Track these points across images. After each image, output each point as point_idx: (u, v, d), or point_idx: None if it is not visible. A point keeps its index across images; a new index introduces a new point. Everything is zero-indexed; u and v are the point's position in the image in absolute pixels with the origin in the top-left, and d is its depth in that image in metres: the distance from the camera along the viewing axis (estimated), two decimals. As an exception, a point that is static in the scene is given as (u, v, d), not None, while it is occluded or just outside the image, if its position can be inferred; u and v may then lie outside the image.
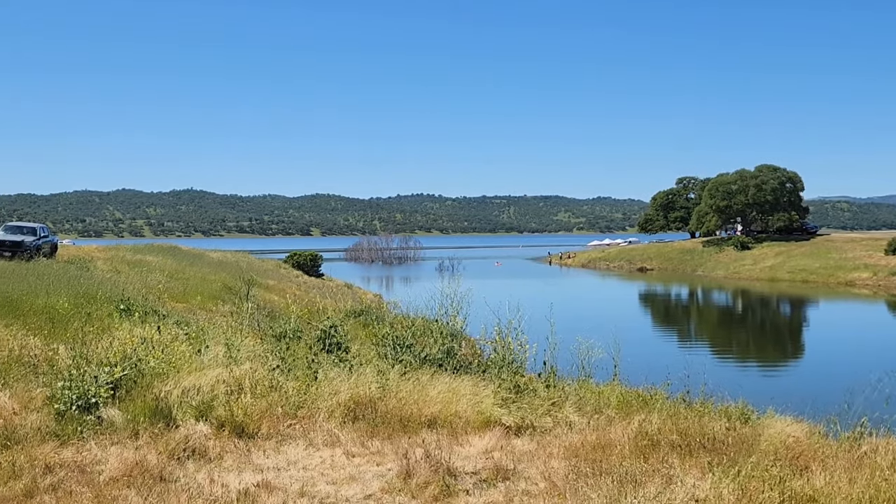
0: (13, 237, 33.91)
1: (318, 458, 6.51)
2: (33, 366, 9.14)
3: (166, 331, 11.63)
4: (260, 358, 9.60)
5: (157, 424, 6.93)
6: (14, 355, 9.50)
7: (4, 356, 9.44)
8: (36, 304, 14.02)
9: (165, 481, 5.63)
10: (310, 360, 9.25)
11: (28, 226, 36.53)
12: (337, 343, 11.02)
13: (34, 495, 5.23)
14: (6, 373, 8.77)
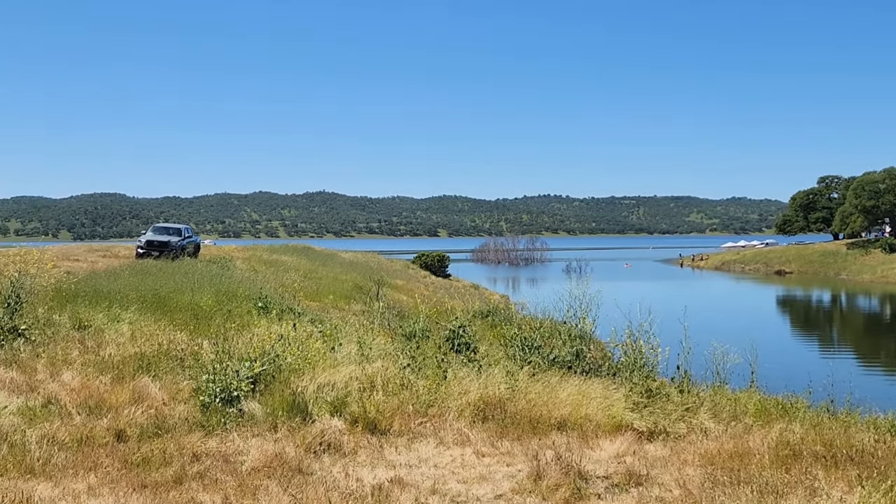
0: (160, 237, 35.91)
1: (448, 456, 6.57)
2: (180, 359, 9.63)
3: (301, 328, 12.02)
4: (391, 356, 9.78)
5: (295, 418, 7.17)
6: (163, 349, 10.04)
7: (154, 350, 10.00)
8: (182, 301, 14.80)
9: (303, 473, 5.82)
10: (439, 360, 9.35)
11: (174, 227, 38.59)
12: (465, 343, 11.10)
13: (183, 482, 5.51)
14: (156, 365, 9.29)
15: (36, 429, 6.77)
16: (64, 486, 5.34)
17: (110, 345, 11.04)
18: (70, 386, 8.52)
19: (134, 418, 7.08)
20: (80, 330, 12.23)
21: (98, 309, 13.85)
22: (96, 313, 13.51)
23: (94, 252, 41.94)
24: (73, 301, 14.60)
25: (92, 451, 6.12)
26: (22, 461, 5.79)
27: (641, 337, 9.45)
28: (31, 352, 10.30)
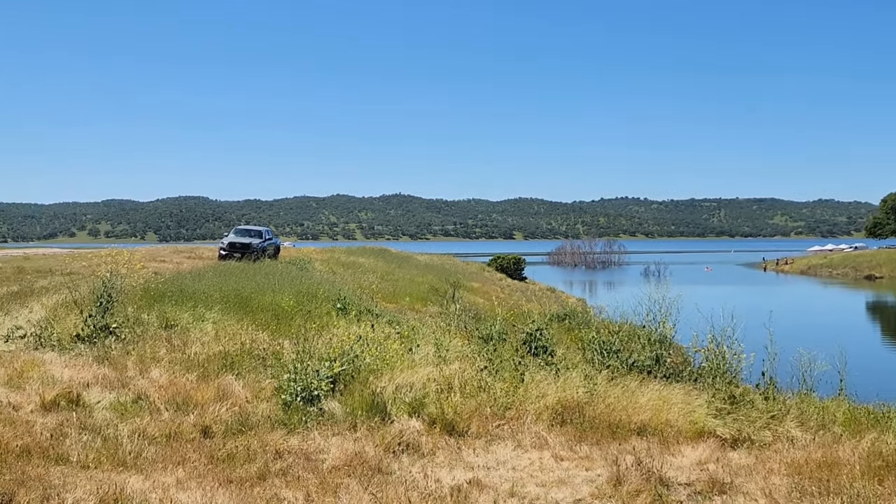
0: (242, 239, 36.77)
1: (526, 459, 6.55)
2: (262, 358, 9.84)
3: (379, 329, 12.16)
4: (468, 359, 9.80)
5: (374, 418, 7.25)
6: (245, 348, 10.28)
7: (238, 349, 10.25)
8: (263, 302, 15.11)
9: (383, 473, 5.88)
10: (516, 363, 9.32)
11: (255, 229, 39.48)
12: (543, 346, 11.04)
13: (266, 478, 5.64)
14: (239, 364, 9.52)
15: (127, 423, 7.02)
16: (154, 479, 5.52)
17: (195, 343, 11.36)
18: (158, 383, 8.80)
19: (219, 415, 7.27)
20: (167, 329, 12.61)
21: (184, 308, 14.26)
22: (182, 313, 13.91)
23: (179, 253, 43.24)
24: (160, 301, 15.08)
25: (180, 446, 6.31)
26: (115, 454, 6.01)
27: (724, 342, 9.23)
28: (122, 349, 10.68)
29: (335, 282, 22.65)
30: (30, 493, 5.00)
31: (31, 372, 9.24)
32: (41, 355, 10.41)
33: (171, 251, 43.82)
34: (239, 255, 35.04)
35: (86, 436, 6.50)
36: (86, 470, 5.69)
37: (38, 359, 10.10)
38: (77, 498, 4.87)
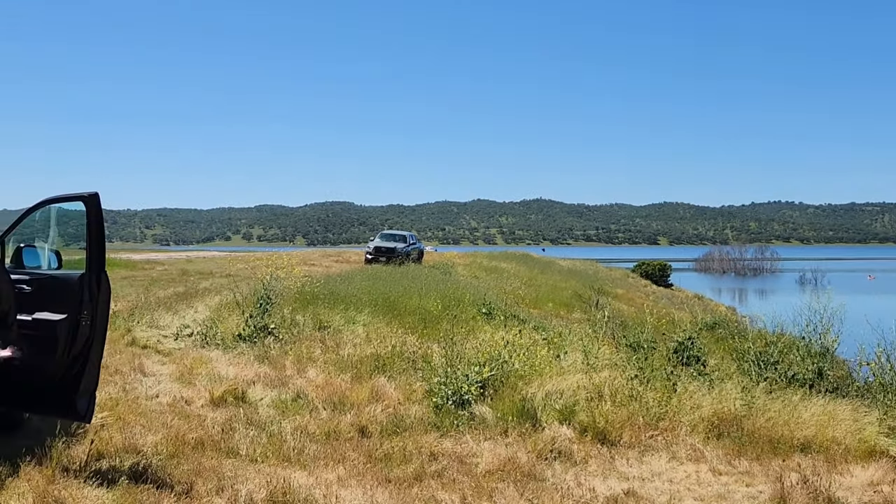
0: (388, 244, 37.72)
1: (682, 471, 6.39)
2: (412, 361, 10.05)
3: (526, 335, 12.16)
4: (617, 367, 9.65)
5: (524, 424, 7.27)
6: (396, 351, 10.53)
7: (388, 351, 10.51)
8: (410, 305, 15.42)
9: (536, 479, 5.90)
10: (668, 372, 9.11)
11: (399, 234, 40.39)
12: (694, 356, 10.74)
13: (422, 479, 5.77)
14: (391, 366, 9.77)
15: (289, 421, 7.36)
16: (317, 475, 5.75)
17: (347, 345, 11.74)
18: (315, 382, 9.16)
19: (375, 416, 7.49)
20: (320, 330, 13.09)
21: (335, 311, 14.76)
22: (334, 315, 14.41)
23: (328, 257, 44.77)
24: (313, 303, 15.67)
25: (339, 445, 6.55)
26: (280, 450, 6.31)
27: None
28: (280, 349, 11.18)
29: (478, 286, 22.80)
30: (207, 483, 5.33)
31: (200, 369, 9.83)
32: (207, 353, 11.05)
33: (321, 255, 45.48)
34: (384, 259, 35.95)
35: (252, 431, 6.85)
36: (254, 463, 6.00)
37: (204, 356, 10.73)
38: (250, 490, 5.14)
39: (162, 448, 6.14)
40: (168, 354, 11.15)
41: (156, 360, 10.58)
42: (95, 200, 5.23)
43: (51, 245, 6.52)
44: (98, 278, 5.30)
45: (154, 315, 14.73)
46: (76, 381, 5.32)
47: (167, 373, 9.68)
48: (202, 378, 9.27)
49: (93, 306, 5.30)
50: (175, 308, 16.57)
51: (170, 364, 10.37)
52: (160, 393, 8.42)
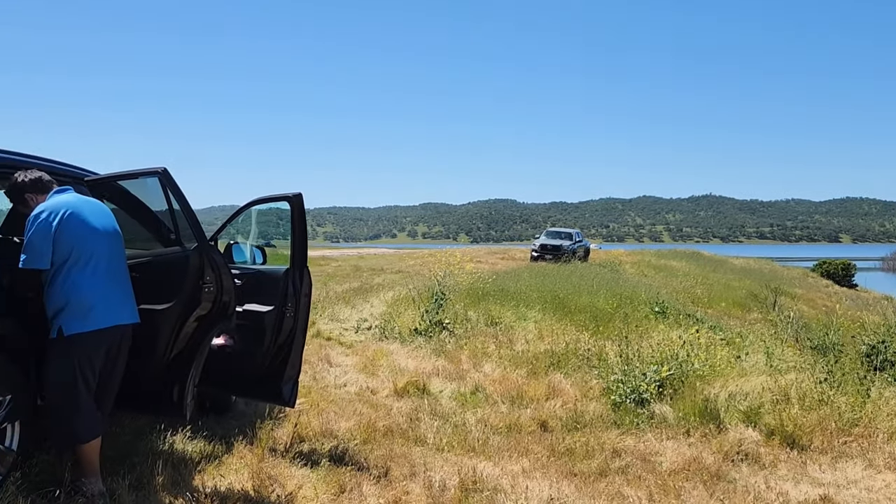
0: (553, 241, 37.67)
1: (880, 480, 6.07)
2: (586, 358, 10.04)
3: (703, 334, 11.86)
4: (803, 369, 9.25)
5: (707, 425, 7.13)
6: (569, 348, 10.56)
7: (562, 348, 10.56)
8: (580, 303, 15.39)
9: (723, 480, 5.79)
10: (861, 377, 8.64)
11: (565, 231, 40.20)
12: (889, 360, 10.12)
13: (607, 475, 5.80)
14: (565, 362, 9.81)
15: (470, 413, 7.57)
16: (502, 466, 5.91)
17: (520, 341, 11.88)
18: (491, 377, 9.35)
19: (554, 411, 7.58)
20: (492, 326, 13.31)
21: (506, 307, 14.96)
22: (505, 311, 14.61)
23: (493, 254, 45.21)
24: (484, 299, 15.95)
25: (521, 438, 6.68)
26: (465, 440, 6.52)
27: None
28: (455, 344, 11.47)
29: (648, 284, 22.37)
30: (400, 468, 5.61)
31: (381, 360, 10.27)
32: (387, 346, 11.50)
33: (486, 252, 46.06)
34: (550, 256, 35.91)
35: (437, 422, 7.11)
36: (441, 452, 6.24)
37: (384, 349, 11.18)
38: (442, 476, 5.37)
39: (355, 434, 6.49)
40: (350, 346, 11.70)
41: (339, 352, 11.12)
42: (299, 201, 5.60)
43: (252, 241, 7.03)
44: (301, 273, 5.68)
45: (334, 309, 15.47)
46: (281, 368, 5.71)
47: (351, 364, 10.17)
48: (384, 369, 9.68)
49: (296, 299, 5.68)
50: (352, 302, 17.32)
51: (352, 355, 10.88)
52: (347, 382, 8.87)
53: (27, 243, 4.42)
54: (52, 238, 4.44)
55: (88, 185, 5.39)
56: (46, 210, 4.50)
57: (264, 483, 4.99)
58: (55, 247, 4.45)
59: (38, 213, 4.48)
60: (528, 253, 39.75)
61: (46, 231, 4.44)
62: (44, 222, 4.45)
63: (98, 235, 4.67)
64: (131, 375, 4.93)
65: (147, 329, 4.87)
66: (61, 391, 4.48)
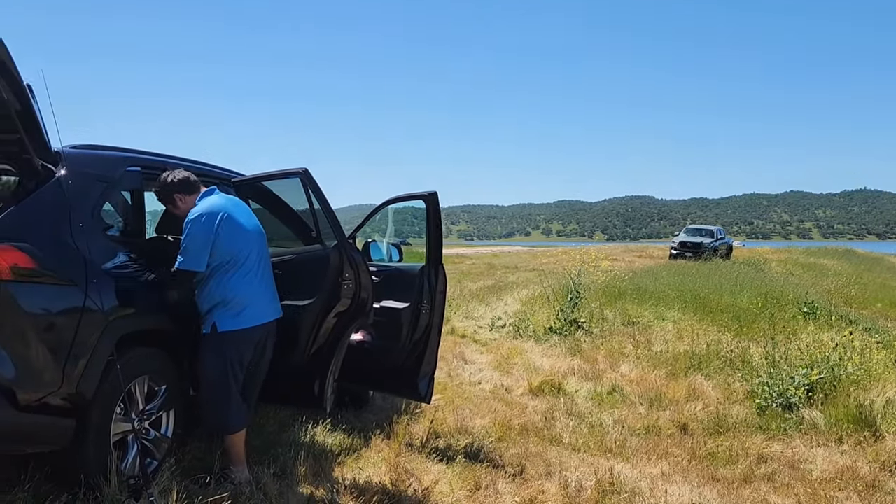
0: (694, 239, 36.55)
1: None
2: (729, 360, 9.66)
3: (857, 336, 11.19)
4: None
5: (862, 433, 6.71)
6: (712, 349, 10.19)
7: (703, 349, 10.21)
8: (722, 302, 14.85)
9: (880, 491, 5.43)
10: None
11: (706, 228, 38.94)
12: None
13: (751, 481, 5.55)
14: (706, 364, 9.48)
15: (606, 413, 7.44)
16: (640, 468, 5.77)
17: (658, 341, 11.58)
18: (628, 377, 9.16)
19: (694, 414, 7.33)
20: (629, 325, 13.04)
21: (644, 306, 14.63)
22: (642, 310, 14.29)
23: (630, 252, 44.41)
24: (620, 298, 15.66)
25: (660, 440, 6.49)
26: (601, 441, 6.40)
27: None
28: (591, 343, 11.30)
29: (797, 284, 21.32)
30: (536, 467, 5.57)
31: (515, 359, 10.25)
32: (521, 344, 11.47)
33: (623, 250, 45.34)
34: (690, 254, 34.88)
35: (572, 421, 7.02)
36: (576, 452, 6.15)
37: (518, 347, 11.16)
38: (578, 477, 5.29)
39: (490, 431, 6.50)
40: (484, 344, 11.75)
41: (474, 349, 11.19)
42: (434, 199, 5.66)
43: (388, 239, 7.16)
44: (436, 270, 5.75)
45: (469, 306, 15.59)
46: (417, 364, 5.80)
47: (485, 361, 10.20)
48: (518, 368, 9.66)
49: (431, 296, 5.74)
50: (486, 300, 17.41)
51: (487, 353, 10.92)
52: (482, 380, 8.91)
53: (185, 246, 4.64)
54: (210, 242, 4.66)
55: (234, 185, 5.64)
56: (204, 213, 4.70)
57: (401, 477, 5.07)
58: (214, 250, 4.67)
59: (196, 217, 4.69)
60: (667, 251, 38.79)
61: (206, 235, 4.65)
62: (203, 226, 4.66)
63: (251, 238, 4.89)
64: (275, 369, 5.13)
65: (289, 324, 5.06)
66: (213, 383, 4.73)
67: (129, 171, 4.87)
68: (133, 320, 4.49)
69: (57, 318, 4.05)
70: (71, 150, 4.55)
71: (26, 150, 4.13)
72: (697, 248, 34.53)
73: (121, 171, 4.79)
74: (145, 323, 4.65)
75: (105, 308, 4.21)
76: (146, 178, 5.01)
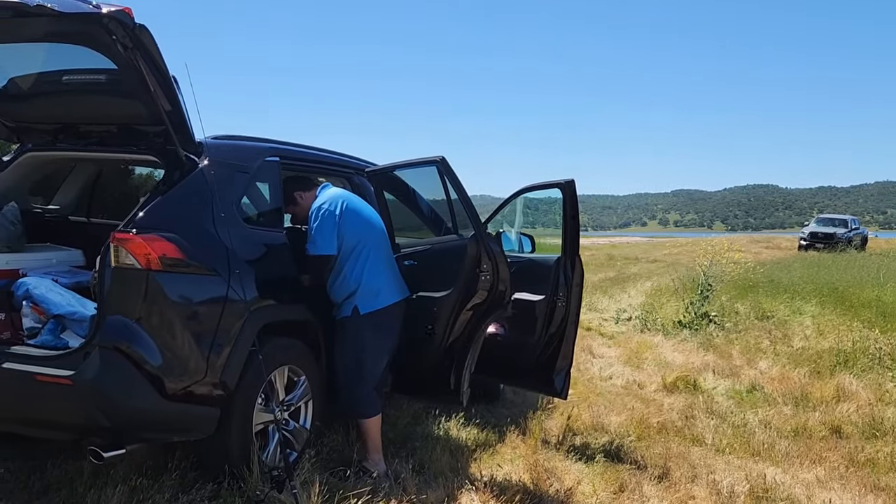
0: (825, 229, 34.85)
1: None
2: (878, 358, 9.03)
3: None
4: None
5: None
6: (857, 346, 9.57)
7: (849, 346, 9.59)
8: (863, 297, 13.97)
9: None
10: None
11: (840, 217, 37.07)
12: None
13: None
14: (853, 363, 8.88)
15: (748, 413, 7.04)
16: (792, 473, 5.40)
17: (796, 337, 10.98)
18: (769, 375, 8.68)
19: (846, 415, 6.85)
20: (763, 320, 12.43)
21: (778, 300, 13.94)
22: (776, 304, 13.61)
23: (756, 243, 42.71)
24: (751, 291, 14.99)
25: (812, 444, 6.08)
26: (748, 443, 6.05)
27: None
28: (724, 338, 10.81)
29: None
30: (680, 469, 5.29)
31: (645, 353, 9.90)
32: (650, 338, 11.09)
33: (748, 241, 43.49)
34: (822, 245, 33.32)
35: (713, 421, 6.67)
36: (721, 454, 5.82)
37: (648, 341, 10.79)
38: (730, 481, 4.98)
39: (628, 429, 6.25)
40: (611, 337, 11.43)
41: (601, 343, 10.89)
42: (572, 187, 5.44)
43: (518, 229, 6.96)
44: (573, 262, 5.52)
45: (592, 298, 15.25)
46: (552, 358, 5.59)
47: (614, 355, 9.90)
48: (649, 363, 9.32)
49: (567, 289, 5.52)
50: (609, 292, 17.02)
51: (614, 347, 10.60)
52: (613, 375, 8.63)
53: (315, 232, 4.72)
54: (336, 227, 4.76)
55: (368, 175, 5.59)
56: (326, 201, 4.84)
57: (541, 476, 4.89)
58: (341, 236, 4.75)
59: (319, 205, 4.83)
60: (796, 242, 37.12)
61: (332, 221, 4.77)
62: (327, 212, 4.79)
63: (373, 225, 5.02)
64: (412, 361, 5.05)
65: (425, 316, 4.96)
66: (350, 368, 4.75)
67: (267, 161, 4.87)
68: (274, 310, 4.50)
69: (201, 308, 4.09)
70: (213, 141, 4.59)
71: (171, 141, 4.17)
72: (830, 239, 32.88)
73: (259, 161, 4.81)
74: (285, 313, 4.67)
75: (247, 298, 4.22)
76: (284, 168, 5.01)
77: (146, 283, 3.84)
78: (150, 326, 3.86)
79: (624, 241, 55.04)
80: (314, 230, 4.74)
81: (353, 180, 5.74)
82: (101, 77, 4.15)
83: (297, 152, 5.30)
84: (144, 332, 3.84)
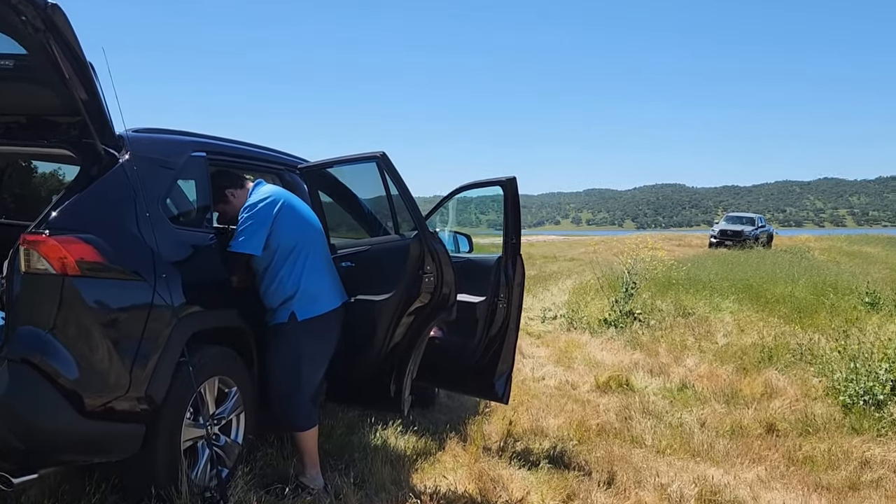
0: (734, 227, 35.97)
1: None
2: (800, 354, 9.20)
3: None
4: None
5: (963, 432, 6.25)
6: (780, 342, 9.74)
7: (771, 342, 9.74)
8: (776, 292, 14.31)
9: None
10: None
11: (747, 216, 38.37)
12: None
13: (858, 489, 5.14)
14: (777, 358, 9.01)
15: (683, 412, 7.02)
16: (734, 474, 5.37)
17: (719, 333, 11.13)
18: (697, 372, 8.73)
19: (779, 413, 6.90)
20: (684, 317, 12.57)
21: (698, 297, 14.15)
22: (696, 301, 13.81)
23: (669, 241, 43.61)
24: (671, 288, 15.18)
25: (749, 442, 6.09)
26: (686, 443, 6.00)
27: None
28: (650, 335, 10.87)
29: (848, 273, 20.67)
30: (626, 473, 5.18)
31: (574, 352, 9.86)
32: (577, 337, 11.08)
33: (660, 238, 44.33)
34: (730, 242, 34.33)
35: (650, 421, 6.62)
36: (662, 456, 5.76)
37: (575, 340, 10.77)
38: (679, 485, 4.89)
39: (568, 432, 6.13)
40: (539, 337, 11.37)
41: (529, 342, 10.81)
42: (513, 185, 5.28)
43: (450, 228, 6.77)
44: (514, 262, 5.36)
45: (516, 297, 15.17)
46: (493, 362, 5.42)
47: (544, 355, 9.83)
48: (579, 362, 9.28)
49: (508, 289, 5.36)
50: (532, 291, 17.01)
51: (543, 346, 10.54)
52: (545, 376, 8.54)
53: (241, 229, 4.40)
54: (268, 226, 4.43)
55: (301, 172, 5.30)
56: (262, 199, 4.49)
57: (487, 486, 4.70)
58: (277, 237, 4.44)
59: (254, 203, 4.48)
60: (706, 239, 38.19)
61: (264, 220, 4.43)
62: (261, 211, 4.44)
63: (312, 225, 4.71)
64: (350, 368, 4.79)
65: (364, 321, 4.71)
66: (287, 377, 4.47)
67: (193, 156, 4.53)
68: (204, 317, 4.17)
69: (124, 316, 3.75)
70: (134, 135, 4.23)
71: (88, 133, 3.81)
72: (738, 237, 33.99)
73: (185, 156, 4.46)
74: (216, 320, 4.34)
75: (174, 304, 3.90)
76: (211, 163, 4.68)
77: (61, 290, 3.49)
78: (65, 337, 3.50)
79: (541, 240, 55.56)
80: (242, 226, 4.39)
81: (284, 177, 5.44)
82: (9, 63, 3.76)
83: (226, 147, 4.95)
84: (59, 343, 3.48)
